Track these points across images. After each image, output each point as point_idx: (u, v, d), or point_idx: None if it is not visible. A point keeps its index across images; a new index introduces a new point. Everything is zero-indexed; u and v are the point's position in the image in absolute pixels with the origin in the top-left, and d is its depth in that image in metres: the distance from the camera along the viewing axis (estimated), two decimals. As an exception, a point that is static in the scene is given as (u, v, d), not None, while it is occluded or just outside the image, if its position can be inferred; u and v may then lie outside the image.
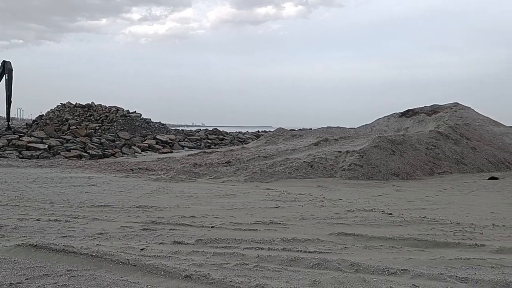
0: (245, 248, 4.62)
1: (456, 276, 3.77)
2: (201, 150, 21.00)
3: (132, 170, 13.96)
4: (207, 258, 4.20)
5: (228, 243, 4.82)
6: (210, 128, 34.15)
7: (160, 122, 32.46)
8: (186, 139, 27.13)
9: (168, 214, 6.71)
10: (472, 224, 6.20)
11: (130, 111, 30.70)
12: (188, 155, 18.04)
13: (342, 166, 13.43)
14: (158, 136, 25.67)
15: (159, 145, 23.94)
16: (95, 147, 20.40)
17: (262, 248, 4.62)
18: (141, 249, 4.47)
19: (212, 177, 13.02)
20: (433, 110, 20.19)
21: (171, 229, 5.55)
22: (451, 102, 20.45)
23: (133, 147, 22.27)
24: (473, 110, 19.67)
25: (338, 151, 14.53)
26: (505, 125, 18.40)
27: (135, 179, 12.01)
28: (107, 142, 22.07)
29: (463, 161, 14.67)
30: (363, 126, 22.62)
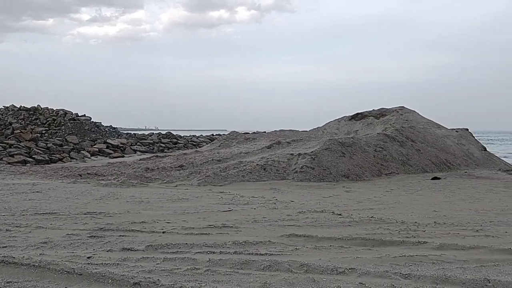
0: (196, 252, 4.59)
1: (400, 273, 3.94)
2: (153, 154, 20.62)
3: (81, 176, 13.48)
4: (157, 264, 4.14)
5: (179, 248, 4.76)
6: (164, 132, 33.62)
7: (111, 125, 31.60)
8: (138, 143, 26.54)
9: (118, 220, 6.54)
10: (416, 222, 6.49)
11: (79, 115, 29.67)
12: (140, 160, 17.65)
13: (295, 169, 13.65)
14: (108, 140, 24.94)
15: (110, 149, 23.27)
16: (41, 152, 19.51)
17: (214, 252, 4.61)
18: (88, 257, 4.33)
19: (165, 181, 12.83)
20: (381, 113, 20.94)
21: (120, 235, 5.42)
22: (398, 106, 21.28)
23: (82, 151, 21.50)
24: (418, 113, 20.58)
25: (291, 154, 14.76)
26: (446, 128, 19.39)
27: (83, 184, 11.61)
28: (54, 146, 21.17)
29: (408, 162, 15.32)
30: (315, 129, 23.07)
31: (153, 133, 35.62)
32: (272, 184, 12.21)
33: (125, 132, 38.21)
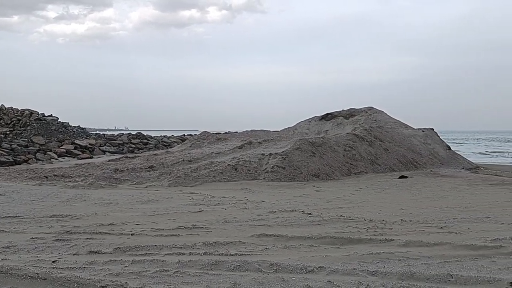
0: (166, 254, 4.55)
1: (368, 270, 4.02)
2: (123, 155, 20.28)
3: (47, 178, 13.11)
4: (125, 266, 4.08)
5: (148, 250, 4.71)
6: (134, 132, 33.11)
7: (79, 126, 30.85)
8: (107, 144, 26.02)
9: (85, 222, 6.40)
10: (383, 220, 6.64)
11: (46, 115, 28.81)
12: (109, 161, 17.31)
13: (266, 169, 13.71)
14: (76, 141, 24.33)
15: (78, 150, 22.70)
16: (5, 154, 18.83)
17: (184, 254, 4.58)
18: (53, 261, 4.22)
19: (134, 182, 12.63)
20: (350, 113, 21.29)
21: (87, 238, 5.31)
22: (366, 106, 21.69)
23: (48, 152, 20.89)
24: (386, 113, 21.04)
25: (262, 154, 14.80)
26: (413, 128, 19.90)
27: (49, 187, 11.30)
28: (19, 147, 20.48)
29: (377, 162, 15.64)
30: (286, 129, 23.23)
31: (123, 133, 35.05)
32: (243, 184, 12.22)
33: (94, 132, 37.43)
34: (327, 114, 22.38)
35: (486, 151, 40.31)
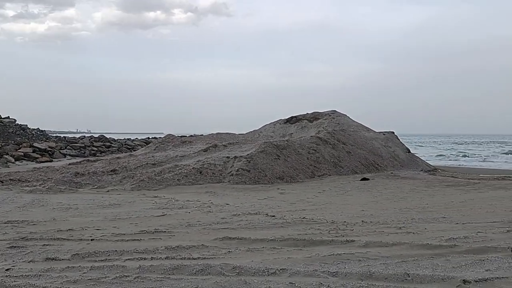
0: (126, 259, 4.46)
1: (328, 271, 4.09)
2: (84, 158, 19.75)
3: (2, 182, 12.58)
4: (84, 273, 3.97)
5: (108, 255, 4.61)
6: (96, 135, 32.33)
7: (38, 128, 29.93)
8: (68, 147, 25.30)
9: (42, 228, 6.19)
10: (345, 222, 6.77)
11: (3, 117, 27.71)
12: (69, 164, 16.80)
13: (230, 172, 13.70)
14: (35, 144, 23.50)
15: (37, 153, 21.93)
16: (-45, 157, 17.96)
17: (145, 258, 4.51)
18: (7, 269, 4.05)
19: (96, 186, 12.33)
20: (314, 117, 21.60)
21: (44, 244, 5.13)
22: (330, 110, 22.06)
23: (5, 156, 20.04)
24: (349, 117, 21.47)
25: (227, 157, 14.79)
26: (374, 131, 20.41)
27: (5, 191, 10.86)
28: (-28, 151, 19.60)
29: (339, 164, 15.94)
30: (251, 132, 23.30)
31: (84, 136, 34.19)
32: (208, 188, 12.17)
33: (54, 135, 36.31)
34: (292, 117, 22.61)
35: (442, 154, 41.89)
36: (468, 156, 39.15)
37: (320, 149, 16.30)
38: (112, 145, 28.50)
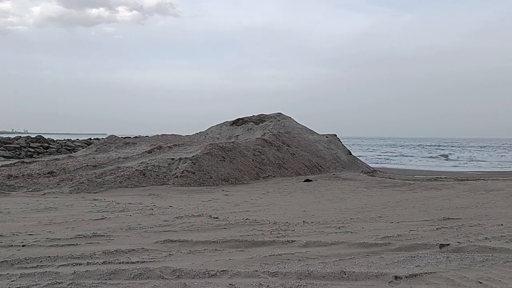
0: (60, 265, 4.27)
1: (268, 272, 4.14)
2: (19, 160, 18.66)
3: None
4: (12, 281, 3.76)
5: (40, 261, 4.38)
6: (34, 135, 30.65)
7: (-34, 127, 27.82)
8: (1, 148, 23.82)
9: (-32, 235, 5.78)
10: (287, 222, 6.89)
11: None
12: (2, 166, 15.80)
13: (175, 173, 13.51)
14: (-38, 144, 21.93)
15: (-36, 154, 20.48)
16: None
17: (80, 264, 4.34)
18: None
19: (31, 189, 11.70)
20: (260, 119, 21.83)
21: (-31, 252, 4.79)
22: (276, 112, 22.40)
23: None
24: (293, 119, 21.90)
25: (172, 159, 14.57)
26: (318, 133, 20.95)
27: None
28: None
29: (284, 166, 16.20)
30: (197, 133, 23.13)
31: (20, 136, 32.30)
32: (152, 190, 11.93)
33: (-15, 135, 33.96)
34: (238, 119, 22.70)
35: (381, 156, 43.77)
36: (406, 157, 41.22)
37: (265, 151, 16.48)
38: (51, 146, 27.17)
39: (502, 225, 6.52)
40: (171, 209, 8.45)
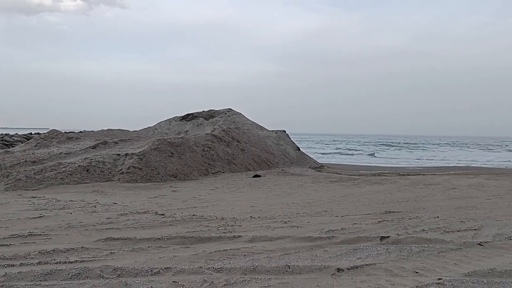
0: (-10, 267, 4.01)
1: (213, 268, 4.10)
2: None
3: None
4: None
5: (-33, 264, 4.09)
6: (-36, 129, 28.68)
7: None
8: None
9: None
10: (234, 218, 6.87)
11: None
12: None
13: (121, 170, 13.11)
14: None
15: None
16: None
17: (13, 265, 4.09)
18: None
19: (-39, 187, 10.92)
20: (210, 114, 21.67)
21: None
22: (226, 108, 22.33)
23: None
24: (244, 115, 21.93)
25: (117, 154, 14.12)
26: (267, 129, 21.11)
27: None
28: None
29: (233, 161, 16.18)
30: (145, 128, 22.61)
31: (-51, 130, 30.10)
32: (96, 186, 11.50)
33: None
34: (188, 114, 22.42)
35: (329, 152, 44.91)
36: (353, 154, 42.53)
37: (215, 147, 16.38)
38: (-15, 140, 25.55)
39: (438, 217, 6.86)
40: (115, 206, 8.18)
